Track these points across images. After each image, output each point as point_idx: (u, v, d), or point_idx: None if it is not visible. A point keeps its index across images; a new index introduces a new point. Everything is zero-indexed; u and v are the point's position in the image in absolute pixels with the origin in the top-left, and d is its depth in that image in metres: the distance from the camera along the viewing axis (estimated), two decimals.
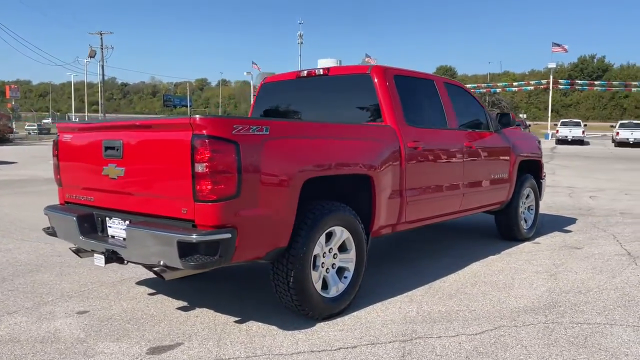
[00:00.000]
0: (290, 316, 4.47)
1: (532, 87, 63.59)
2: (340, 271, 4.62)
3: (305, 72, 5.87)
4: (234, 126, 3.72)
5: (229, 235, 3.66)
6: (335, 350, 3.86)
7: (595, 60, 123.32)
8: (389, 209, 5.03)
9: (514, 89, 64.54)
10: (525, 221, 7.69)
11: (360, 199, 4.83)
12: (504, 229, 7.52)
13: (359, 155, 4.71)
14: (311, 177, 4.21)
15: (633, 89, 60.88)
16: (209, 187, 3.59)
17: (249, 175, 3.74)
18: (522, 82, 66.15)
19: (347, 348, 3.89)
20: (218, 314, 4.60)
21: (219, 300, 4.95)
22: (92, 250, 4.42)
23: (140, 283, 5.53)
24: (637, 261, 6.40)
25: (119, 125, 4.24)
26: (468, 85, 74.46)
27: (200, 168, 3.59)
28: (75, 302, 4.94)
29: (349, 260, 4.64)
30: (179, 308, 4.77)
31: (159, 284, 5.46)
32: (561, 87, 59.56)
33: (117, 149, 4.12)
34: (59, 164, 4.81)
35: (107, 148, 4.22)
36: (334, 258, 4.52)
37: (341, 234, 4.53)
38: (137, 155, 4.02)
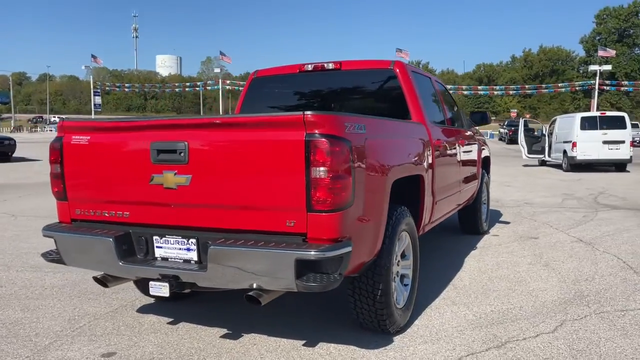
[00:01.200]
0: (358, 334, 4.08)
1: None
2: (401, 279, 4.34)
3: (311, 66, 5.43)
4: (345, 124, 3.26)
5: (349, 249, 3.20)
6: None
7: (420, 66, 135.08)
8: (427, 209, 4.86)
9: None
10: (483, 215, 8.02)
11: (409, 201, 4.59)
12: (470, 223, 7.76)
13: (416, 154, 4.48)
14: (397, 178, 3.89)
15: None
16: (328, 195, 3.10)
17: (357, 178, 3.32)
18: None
19: None
20: (274, 338, 4.05)
21: (252, 323, 4.35)
22: (137, 278, 3.61)
23: (142, 311, 4.68)
24: (597, 247, 7.00)
25: (181, 124, 3.48)
26: None
27: (317, 173, 3.08)
28: (83, 342, 4.00)
29: (408, 267, 4.38)
30: (223, 336, 4.11)
31: (163, 309, 4.67)
32: None
33: (180, 152, 3.38)
34: (64, 173, 3.84)
35: (161, 151, 3.45)
36: (398, 265, 4.23)
37: (405, 239, 4.26)
38: (214, 159, 3.34)
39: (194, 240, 3.49)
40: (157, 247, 3.61)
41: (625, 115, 20.02)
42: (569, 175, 17.87)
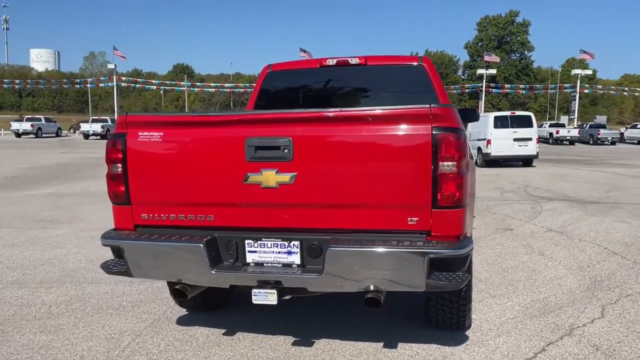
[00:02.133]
0: (427, 332, 4.04)
1: None
2: None
3: (334, 60, 5.28)
4: (458, 116, 3.21)
5: (473, 246, 3.15)
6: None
7: None
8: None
9: None
10: None
11: None
12: None
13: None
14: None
15: None
16: (456, 190, 3.03)
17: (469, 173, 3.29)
18: None
19: (539, 353, 3.72)
20: (348, 342, 3.89)
21: (310, 327, 4.16)
22: (233, 286, 3.30)
23: (182, 323, 4.29)
24: (570, 236, 7.51)
25: (285, 118, 3.20)
26: (212, 85, 75.64)
27: (445, 167, 3.00)
28: None
29: None
30: (295, 344, 3.87)
31: (203, 320, 4.32)
32: None
33: (284, 149, 3.13)
34: (127, 173, 3.40)
35: (260, 148, 3.17)
36: None
37: None
38: (324, 156, 3.12)
39: (296, 243, 3.25)
40: (249, 251, 3.32)
41: (532, 114, 21.69)
42: (486, 171, 18.97)
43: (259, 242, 3.29)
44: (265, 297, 3.18)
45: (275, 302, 3.19)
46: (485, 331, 4.08)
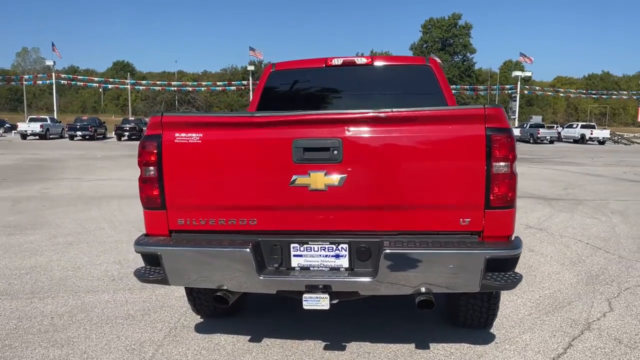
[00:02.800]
0: (453, 331, 4.08)
1: (234, 87, 66.82)
2: None
3: (341, 60, 5.24)
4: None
5: (522, 246, 3.19)
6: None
7: (262, 65, 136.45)
8: None
9: (218, 88, 66.67)
10: None
11: None
12: None
13: None
14: None
15: None
16: (508, 191, 3.06)
17: None
18: (225, 82, 68.74)
19: (567, 348, 3.83)
20: (381, 344, 3.86)
21: (338, 332, 4.12)
22: (284, 292, 3.19)
23: (202, 331, 4.13)
24: (551, 232, 7.79)
25: (334, 119, 3.12)
26: (159, 83, 73.69)
27: (499, 168, 3.02)
28: None
29: None
30: (328, 349, 3.81)
31: (222, 327, 4.18)
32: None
33: (334, 150, 3.07)
34: (163, 177, 3.24)
35: (308, 149, 3.09)
36: None
37: None
38: (375, 157, 3.08)
39: (345, 246, 3.18)
40: (294, 255, 3.23)
41: None
42: None
43: (305, 245, 3.21)
44: (317, 302, 3.10)
45: (327, 307, 3.12)
46: (509, 328, 4.14)
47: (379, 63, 5.22)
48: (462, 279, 3.03)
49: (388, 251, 3.00)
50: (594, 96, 79.62)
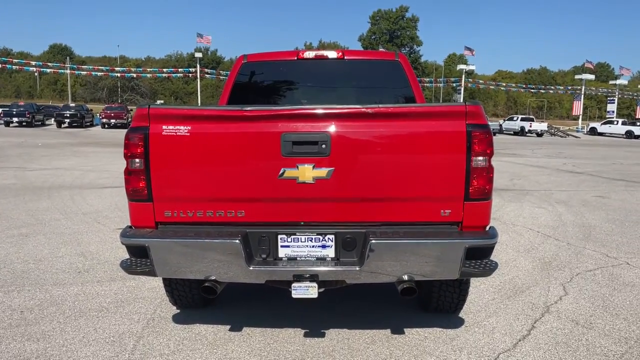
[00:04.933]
0: (422, 317, 4.30)
1: (181, 74, 65.28)
2: None
3: (313, 54, 5.32)
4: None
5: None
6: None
7: (209, 53, 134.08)
8: None
9: (164, 74, 64.95)
10: None
11: None
12: None
13: None
14: None
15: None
16: (486, 183, 3.26)
17: None
18: (171, 69, 67.05)
19: (531, 330, 4.10)
20: (357, 330, 4.02)
21: (316, 320, 4.25)
22: (273, 281, 3.28)
23: (180, 321, 4.16)
24: (504, 221, 8.19)
25: (322, 114, 3.20)
26: (103, 69, 71.16)
27: (478, 162, 3.21)
28: None
29: None
30: (308, 336, 3.92)
31: (198, 317, 4.23)
32: (208, 75, 63.37)
33: (322, 144, 3.17)
34: (150, 169, 3.25)
35: (297, 143, 3.17)
36: None
37: None
38: (361, 151, 3.20)
39: (331, 237, 3.30)
40: (281, 246, 3.32)
41: None
42: None
43: (292, 236, 3.30)
44: (306, 290, 3.21)
45: (316, 296, 3.23)
46: (476, 313, 4.39)
47: (350, 57, 5.32)
48: (443, 267, 3.21)
49: (374, 241, 3.13)
50: (532, 90, 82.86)
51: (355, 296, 4.68)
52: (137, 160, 3.23)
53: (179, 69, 66.31)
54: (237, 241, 3.15)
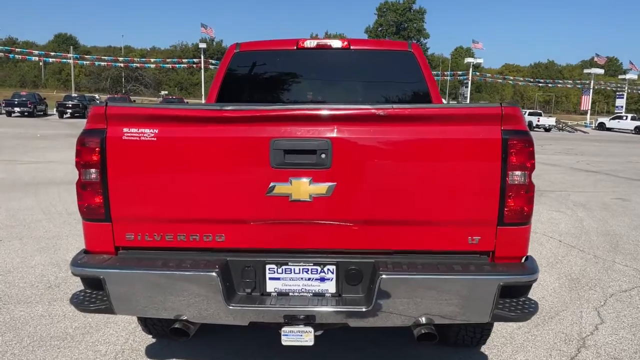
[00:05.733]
0: (447, 351, 3.68)
1: (185, 65, 64.47)
2: None
3: (314, 43, 4.66)
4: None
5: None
6: None
7: (214, 44, 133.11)
8: None
9: (167, 65, 64.18)
10: None
11: None
12: None
13: None
14: None
15: None
16: (525, 204, 2.62)
17: None
18: (175, 60, 66.31)
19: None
20: None
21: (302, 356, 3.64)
22: (258, 323, 2.64)
23: (157, 354, 3.55)
24: None
25: (322, 116, 2.56)
26: (106, 58, 70.37)
27: (515, 178, 2.57)
28: None
29: None
30: None
31: (182, 349, 3.64)
32: (212, 66, 62.46)
33: (321, 154, 2.53)
34: (107, 181, 2.62)
35: (289, 152, 2.54)
36: None
37: None
38: (369, 162, 2.56)
39: (331, 267, 2.67)
40: (270, 278, 2.69)
41: None
42: None
43: (284, 267, 2.67)
44: (299, 336, 2.58)
45: (311, 343, 2.60)
46: (500, 347, 3.77)
47: (356, 47, 4.67)
48: (471, 309, 2.58)
49: (385, 277, 2.50)
50: (540, 84, 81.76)
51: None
52: (92, 170, 2.61)
53: (183, 60, 65.59)
54: (213, 274, 2.52)
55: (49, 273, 5.16)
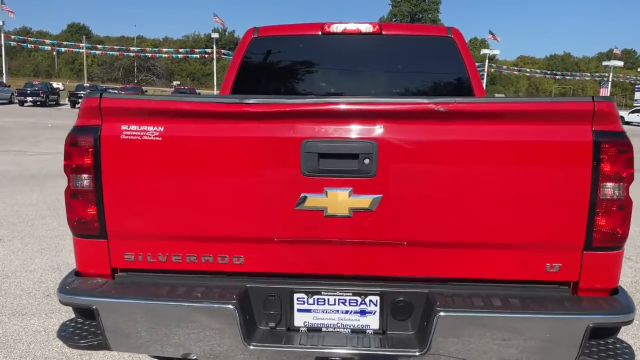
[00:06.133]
0: None
1: (197, 55, 64.10)
2: None
3: (341, 27, 4.14)
4: None
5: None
6: None
7: (226, 34, 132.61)
8: None
9: (180, 55, 63.86)
10: None
11: None
12: None
13: None
14: None
15: None
16: (620, 223, 2.10)
17: None
18: (187, 50, 65.95)
19: None
20: None
21: None
22: None
23: None
24: None
25: (368, 111, 2.06)
26: (116, 48, 70.01)
27: (608, 191, 2.05)
28: None
29: None
30: None
31: None
32: (224, 56, 61.93)
33: (365, 159, 2.03)
34: (104, 189, 2.14)
35: (325, 156, 2.04)
36: None
37: None
38: (425, 169, 2.06)
39: (374, 298, 2.17)
40: (299, 310, 2.20)
41: None
42: None
43: (315, 296, 2.18)
44: None
45: None
46: None
47: (389, 32, 4.14)
48: (550, 355, 2.07)
49: (444, 314, 2.00)
50: (557, 77, 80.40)
51: None
52: (83, 176, 2.14)
53: (196, 50, 65.16)
54: (229, 307, 2.04)
55: (48, 279, 4.73)
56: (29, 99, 38.42)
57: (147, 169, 2.10)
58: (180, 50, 65.97)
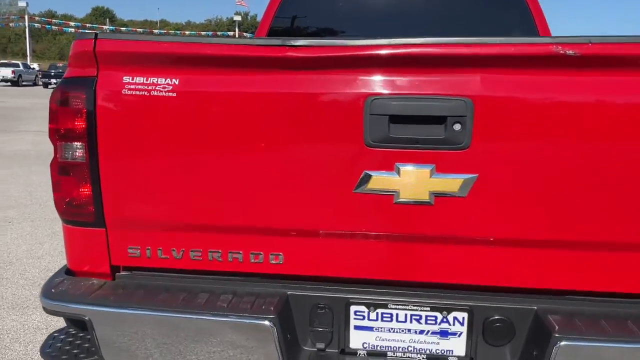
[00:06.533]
0: None
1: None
2: None
3: None
4: None
5: None
6: None
7: (249, 18, 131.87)
8: None
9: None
10: None
11: None
12: None
13: None
14: None
15: None
16: None
17: None
18: (210, 33, 65.71)
19: None
20: None
21: None
22: None
23: None
24: None
25: (459, 55, 1.49)
26: (139, 31, 69.76)
27: None
28: None
29: None
30: None
31: None
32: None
33: (455, 123, 1.46)
34: (100, 161, 1.61)
35: (398, 119, 1.48)
36: None
37: None
38: (540, 139, 1.48)
39: (461, 315, 1.61)
40: (357, 327, 1.65)
41: None
42: None
43: (379, 310, 1.63)
44: None
45: None
46: None
47: None
48: None
49: (567, 343, 1.43)
50: None
51: None
52: (75, 145, 1.61)
53: (218, 33, 64.84)
54: (266, 323, 1.50)
55: (55, 267, 4.25)
56: (53, 80, 38.58)
57: (157, 135, 1.56)
58: (202, 33, 65.68)
